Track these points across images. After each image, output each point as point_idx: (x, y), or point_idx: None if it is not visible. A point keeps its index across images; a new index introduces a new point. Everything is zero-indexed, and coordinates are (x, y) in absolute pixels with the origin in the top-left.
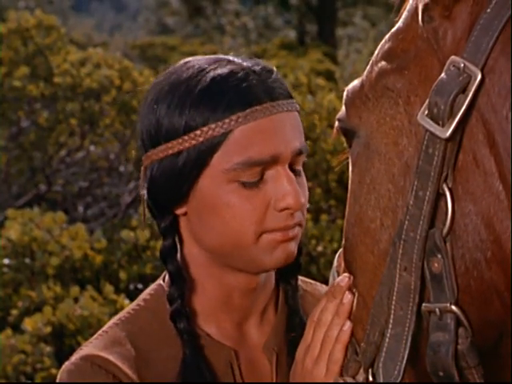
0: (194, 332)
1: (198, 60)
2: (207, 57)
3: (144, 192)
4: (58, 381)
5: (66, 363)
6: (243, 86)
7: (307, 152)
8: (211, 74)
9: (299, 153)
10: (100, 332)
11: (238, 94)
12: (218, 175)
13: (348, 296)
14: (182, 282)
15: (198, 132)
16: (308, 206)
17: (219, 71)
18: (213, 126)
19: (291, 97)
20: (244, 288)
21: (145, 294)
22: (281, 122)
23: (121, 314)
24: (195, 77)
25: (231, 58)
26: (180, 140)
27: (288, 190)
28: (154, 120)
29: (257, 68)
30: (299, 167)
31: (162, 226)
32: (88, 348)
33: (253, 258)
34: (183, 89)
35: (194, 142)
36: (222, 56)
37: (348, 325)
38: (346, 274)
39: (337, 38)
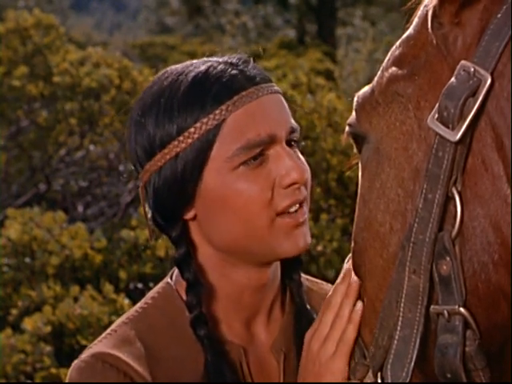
0: (214, 337)
1: (174, 68)
2: (183, 63)
3: (148, 210)
4: (68, 379)
5: (76, 361)
6: (225, 77)
7: (298, 129)
8: (191, 74)
9: (292, 131)
10: (109, 331)
11: (222, 86)
12: (222, 165)
13: (356, 278)
14: (200, 289)
15: (192, 129)
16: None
17: (198, 70)
18: (205, 120)
19: (271, 81)
20: (255, 285)
21: (153, 293)
22: (268, 103)
23: (129, 313)
24: (176, 81)
25: (206, 58)
26: (176, 142)
27: (291, 166)
28: (145, 134)
29: (233, 60)
30: (295, 145)
31: (174, 235)
32: (98, 346)
33: (270, 246)
34: (167, 95)
35: (189, 140)
36: (196, 60)
37: (359, 305)
38: None
39: (336, 38)
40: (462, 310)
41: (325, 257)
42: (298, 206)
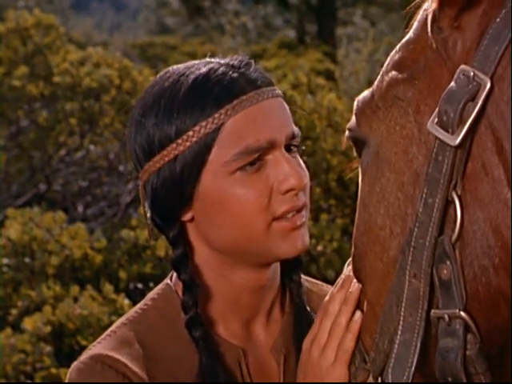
0: (209, 338)
1: (176, 68)
2: (185, 63)
3: (147, 209)
4: (67, 380)
5: (75, 363)
6: (226, 80)
7: (299, 134)
8: (192, 76)
9: (293, 136)
10: (108, 332)
11: (222, 89)
12: (220, 169)
13: (356, 285)
14: (196, 290)
15: (191, 133)
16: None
17: (199, 72)
18: (204, 123)
19: (273, 84)
20: (254, 286)
21: (152, 294)
22: (269, 108)
23: (129, 314)
24: (177, 82)
25: (208, 59)
26: (174, 145)
27: (289, 172)
28: (144, 134)
29: (235, 62)
30: (295, 150)
31: (171, 235)
32: (97, 348)
33: (268, 248)
34: (167, 96)
35: (188, 143)
36: (197, 60)
37: (358, 314)
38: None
39: (336, 38)
40: (462, 313)
41: (325, 257)
42: (295, 212)
